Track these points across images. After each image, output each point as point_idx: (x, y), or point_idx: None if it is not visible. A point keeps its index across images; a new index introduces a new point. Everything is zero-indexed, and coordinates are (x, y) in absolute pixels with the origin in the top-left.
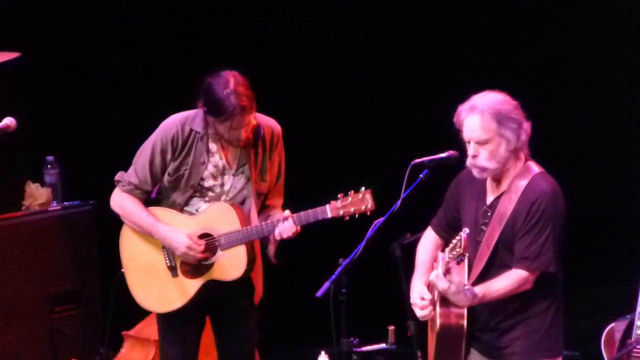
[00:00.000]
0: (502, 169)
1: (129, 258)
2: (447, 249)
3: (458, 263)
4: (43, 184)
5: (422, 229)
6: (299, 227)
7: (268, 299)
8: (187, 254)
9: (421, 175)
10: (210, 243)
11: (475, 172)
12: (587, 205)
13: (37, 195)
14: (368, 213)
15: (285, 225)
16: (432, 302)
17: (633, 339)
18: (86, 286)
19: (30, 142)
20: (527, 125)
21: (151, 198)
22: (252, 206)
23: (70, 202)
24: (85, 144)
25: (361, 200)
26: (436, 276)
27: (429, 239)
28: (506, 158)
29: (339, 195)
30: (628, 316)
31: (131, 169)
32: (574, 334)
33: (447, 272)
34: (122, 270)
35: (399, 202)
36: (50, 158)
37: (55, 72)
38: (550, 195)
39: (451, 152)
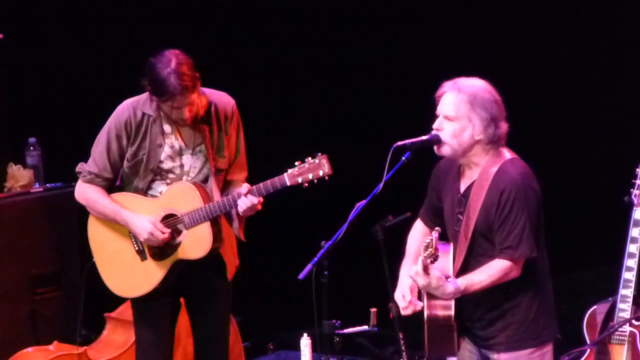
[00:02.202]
0: (462, 154)
1: (97, 247)
2: (422, 247)
3: (432, 263)
4: (25, 166)
5: (404, 211)
6: (261, 199)
7: (250, 281)
8: (150, 239)
9: (403, 158)
10: (175, 223)
11: (435, 146)
12: (570, 188)
13: (19, 176)
14: (326, 178)
15: (246, 199)
16: (417, 296)
17: (615, 321)
18: (68, 268)
19: (12, 124)
20: (502, 124)
21: (115, 186)
22: (212, 184)
23: (52, 184)
24: (67, 126)
25: (318, 166)
26: (415, 273)
27: (417, 229)
28: (468, 144)
29: (296, 163)
30: (610, 299)
31: (90, 159)
32: (556, 316)
33: (425, 268)
34: (93, 260)
35: (381, 185)
36: (32, 140)
37: (38, 53)
38: (519, 182)
39: (433, 134)
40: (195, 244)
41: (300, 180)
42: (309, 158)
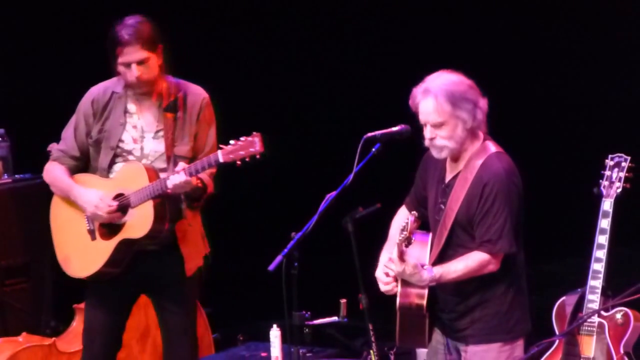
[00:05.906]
0: (460, 148)
1: (56, 228)
2: (398, 231)
3: (406, 246)
4: None
5: (375, 202)
6: (190, 178)
7: (220, 272)
8: (95, 213)
9: (373, 149)
10: (123, 202)
11: (434, 152)
12: (539, 179)
13: None
14: (258, 156)
15: (176, 176)
16: (395, 279)
17: (584, 312)
18: (37, 259)
19: None
20: (483, 103)
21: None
22: (170, 170)
23: (21, 175)
24: (36, 117)
25: (250, 144)
26: (389, 259)
27: (401, 215)
28: (464, 137)
29: (231, 141)
30: (579, 290)
31: (61, 139)
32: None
33: (400, 254)
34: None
35: (351, 176)
36: (1, 131)
37: (5, 44)
38: (503, 176)
39: (403, 126)
40: (138, 222)
41: (232, 157)
42: (244, 137)
